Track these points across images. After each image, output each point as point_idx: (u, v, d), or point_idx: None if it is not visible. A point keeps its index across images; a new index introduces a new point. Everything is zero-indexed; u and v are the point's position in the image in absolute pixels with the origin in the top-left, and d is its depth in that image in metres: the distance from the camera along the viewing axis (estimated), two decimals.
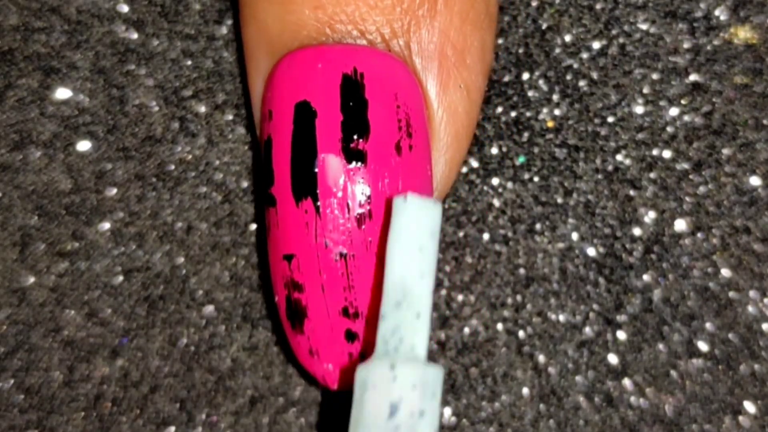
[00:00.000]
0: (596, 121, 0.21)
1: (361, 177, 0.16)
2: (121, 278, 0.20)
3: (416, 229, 0.16)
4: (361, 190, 0.16)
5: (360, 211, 0.16)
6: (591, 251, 0.20)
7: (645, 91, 0.21)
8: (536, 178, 0.21)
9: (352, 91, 0.17)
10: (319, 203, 0.16)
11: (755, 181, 0.20)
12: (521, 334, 0.20)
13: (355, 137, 0.16)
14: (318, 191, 0.16)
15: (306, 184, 0.16)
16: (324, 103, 0.16)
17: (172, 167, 0.20)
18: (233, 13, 0.21)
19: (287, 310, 0.17)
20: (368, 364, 0.15)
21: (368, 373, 0.15)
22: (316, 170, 0.16)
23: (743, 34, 0.21)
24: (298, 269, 0.17)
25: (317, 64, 0.17)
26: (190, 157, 0.20)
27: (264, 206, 0.17)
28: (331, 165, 0.16)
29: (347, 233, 0.16)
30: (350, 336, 0.17)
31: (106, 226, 0.20)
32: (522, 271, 0.20)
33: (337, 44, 0.17)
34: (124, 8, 0.21)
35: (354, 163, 0.16)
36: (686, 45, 0.21)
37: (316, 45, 0.17)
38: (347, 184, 0.16)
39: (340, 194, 0.16)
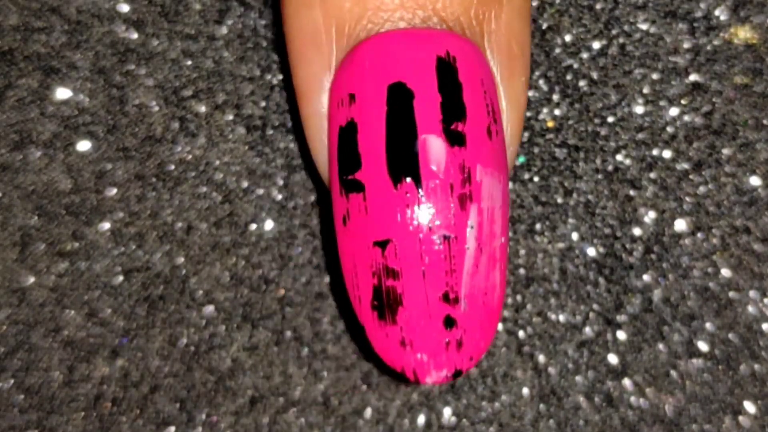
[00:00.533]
0: (596, 121, 0.21)
1: (462, 159, 0.16)
2: (121, 278, 0.20)
3: None
4: (462, 173, 0.16)
5: (461, 192, 0.16)
6: (591, 251, 0.20)
7: (645, 91, 0.21)
8: (536, 178, 0.21)
9: (449, 73, 0.16)
10: (421, 185, 0.16)
11: (755, 181, 0.20)
12: (521, 334, 0.20)
13: (455, 119, 0.16)
14: (420, 173, 0.16)
15: (406, 166, 0.16)
16: (421, 84, 0.16)
17: (172, 167, 0.20)
18: (234, 12, 0.21)
19: (375, 300, 0.17)
20: None
21: None
22: (417, 151, 0.16)
23: (743, 34, 0.21)
24: (395, 255, 0.16)
25: (411, 46, 0.16)
26: (190, 157, 0.20)
27: (340, 195, 0.17)
28: (433, 146, 0.16)
29: (450, 215, 0.16)
30: (449, 322, 0.16)
31: (106, 226, 0.20)
32: (522, 271, 0.20)
33: (425, 28, 0.17)
34: (124, 8, 0.21)
35: (455, 145, 0.16)
36: (686, 45, 0.21)
37: (405, 28, 0.17)
38: (449, 166, 0.16)
39: (442, 176, 0.16)
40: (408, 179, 0.16)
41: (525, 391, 0.20)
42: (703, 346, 0.20)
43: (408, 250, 0.16)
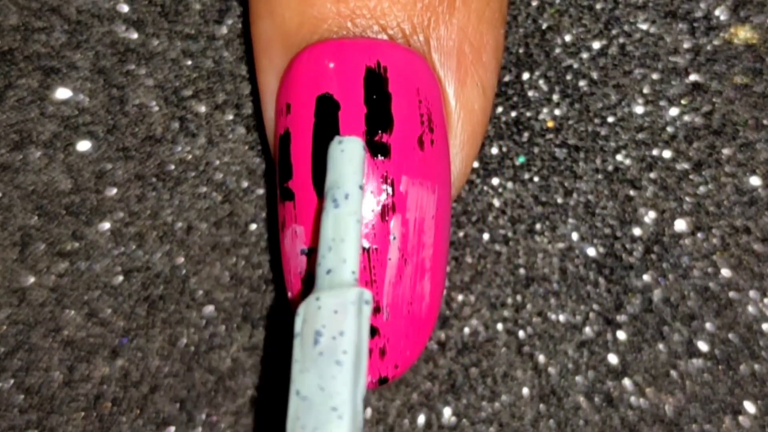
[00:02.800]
0: (596, 121, 0.21)
1: (385, 170, 0.16)
2: (121, 278, 0.20)
3: (346, 170, 0.16)
4: (384, 184, 0.16)
5: (384, 203, 0.16)
6: (591, 251, 0.20)
7: (645, 91, 0.21)
8: (536, 178, 0.21)
9: (376, 84, 0.16)
10: None
11: (755, 181, 0.20)
12: (521, 334, 0.20)
13: (379, 130, 0.16)
14: None
15: None
16: (347, 95, 0.16)
17: (172, 167, 0.20)
18: (234, 12, 0.21)
19: None
20: (304, 301, 0.15)
21: (303, 309, 0.15)
22: None
23: (743, 34, 0.21)
24: None
25: (340, 57, 0.17)
26: (190, 157, 0.20)
27: (280, 201, 0.17)
28: None
29: (370, 226, 0.16)
30: (371, 331, 0.17)
31: (106, 226, 0.20)
32: (522, 271, 0.20)
33: (359, 38, 0.17)
34: (124, 8, 0.21)
35: (378, 156, 0.16)
36: (686, 45, 0.21)
37: (338, 38, 0.17)
38: (371, 178, 0.16)
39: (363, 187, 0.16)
40: None
41: (525, 391, 0.20)
42: (703, 346, 0.20)
43: None
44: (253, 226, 0.20)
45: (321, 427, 0.14)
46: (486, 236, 0.20)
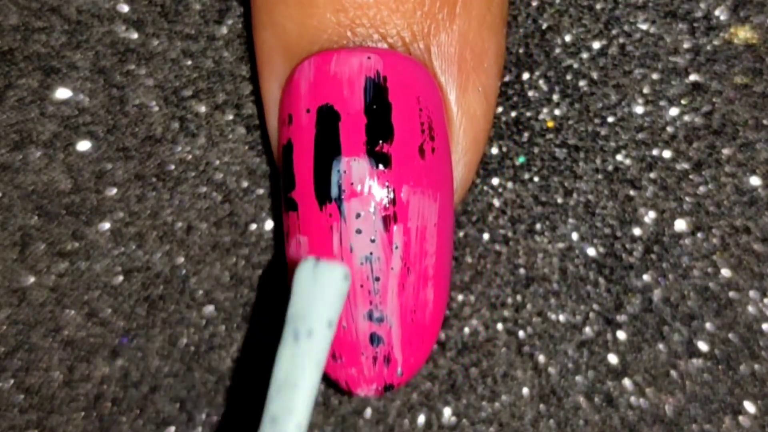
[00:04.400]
0: (596, 121, 0.21)
1: (386, 180, 0.16)
2: (121, 278, 0.20)
3: (316, 302, 0.14)
4: (386, 193, 0.16)
5: (385, 214, 0.16)
6: (591, 251, 0.20)
7: (645, 91, 0.21)
8: (536, 178, 0.21)
9: (376, 94, 0.17)
10: (344, 207, 0.16)
11: (755, 181, 0.20)
12: (521, 334, 0.20)
13: (380, 140, 0.16)
14: (343, 195, 0.16)
15: (330, 188, 0.16)
16: (347, 106, 0.16)
17: (172, 167, 0.20)
18: (234, 12, 0.21)
19: None
20: None
21: None
22: (341, 174, 0.16)
23: (743, 34, 0.21)
24: None
25: (340, 67, 0.17)
26: (190, 157, 0.20)
27: (284, 211, 0.17)
28: (356, 168, 0.16)
29: (374, 236, 0.16)
30: (375, 339, 0.17)
31: (106, 226, 0.20)
32: (522, 271, 0.20)
33: (359, 47, 0.17)
34: (124, 8, 0.21)
35: (379, 166, 0.16)
36: (686, 45, 0.21)
37: (338, 48, 0.17)
38: (373, 187, 0.16)
39: (365, 198, 0.16)
40: (331, 201, 0.16)
41: (525, 391, 0.20)
42: (703, 346, 0.20)
43: None
44: (253, 226, 0.20)
45: None
46: (486, 236, 0.20)
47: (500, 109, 0.21)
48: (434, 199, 0.17)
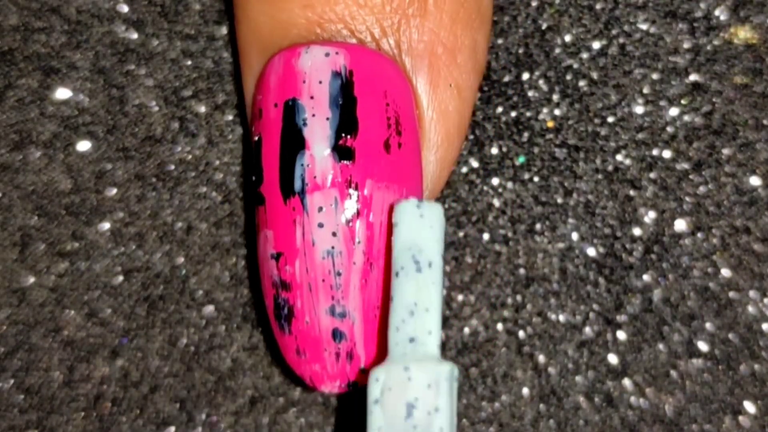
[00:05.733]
0: (596, 121, 0.21)
1: (350, 174, 0.16)
2: (121, 278, 0.20)
3: (427, 236, 0.16)
4: (348, 187, 0.16)
5: (348, 208, 0.16)
6: (591, 251, 0.20)
7: (645, 91, 0.21)
8: (536, 178, 0.21)
9: (341, 88, 0.17)
10: (306, 200, 0.16)
11: (755, 181, 0.20)
12: (521, 334, 0.20)
13: (344, 134, 0.16)
14: (306, 188, 0.16)
15: (294, 182, 0.16)
16: (312, 100, 0.17)
17: (172, 167, 0.20)
18: (232, 13, 0.21)
19: (275, 310, 0.17)
20: (384, 366, 0.15)
21: (384, 376, 0.15)
22: (304, 167, 0.16)
23: (743, 34, 0.21)
24: (286, 268, 0.17)
25: (306, 61, 0.17)
26: (190, 157, 0.20)
27: (253, 205, 0.17)
28: (320, 162, 0.16)
29: (336, 230, 0.16)
30: (338, 335, 0.17)
31: (106, 226, 0.20)
32: (522, 271, 0.20)
33: (327, 42, 0.17)
34: (124, 8, 0.21)
35: (342, 160, 0.16)
36: (686, 45, 0.21)
37: (304, 43, 0.17)
38: (335, 182, 0.16)
39: (327, 191, 0.16)
40: (295, 195, 0.16)
41: (525, 391, 0.20)
42: (703, 346, 0.20)
43: (296, 264, 0.16)
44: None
45: None
46: (486, 236, 0.20)
47: (500, 109, 0.21)
48: (400, 194, 0.17)
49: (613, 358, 0.20)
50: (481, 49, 0.18)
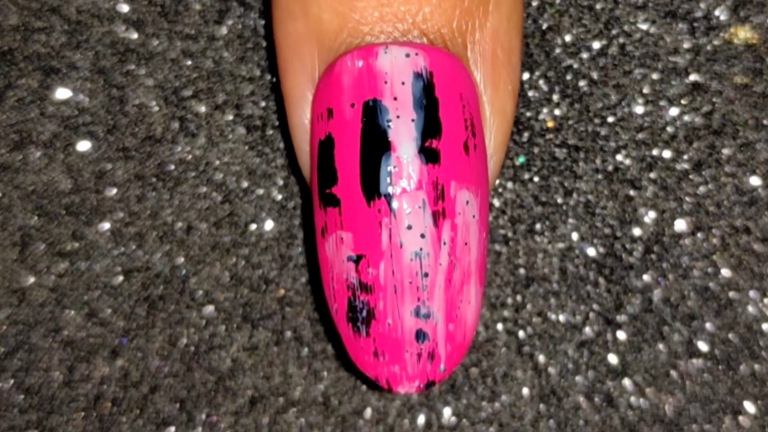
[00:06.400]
0: (596, 121, 0.21)
1: (436, 176, 0.16)
2: (121, 278, 0.20)
3: None
4: (435, 189, 0.16)
5: (435, 209, 0.16)
6: (591, 251, 0.20)
7: (645, 91, 0.21)
8: (536, 178, 0.21)
9: (424, 89, 0.16)
10: (394, 202, 0.16)
11: (755, 181, 0.20)
12: (521, 334, 0.20)
13: (429, 136, 0.16)
14: (393, 190, 0.16)
15: (379, 183, 0.16)
16: (396, 101, 0.16)
17: (172, 167, 0.20)
18: (234, 12, 0.21)
19: (350, 312, 0.17)
20: None
21: None
22: (391, 169, 0.16)
23: (743, 34, 0.21)
24: (368, 271, 0.16)
25: (387, 62, 0.16)
26: (190, 157, 0.20)
27: (320, 207, 0.17)
28: (406, 164, 0.16)
29: (423, 232, 0.16)
30: (421, 336, 0.16)
31: (106, 226, 0.20)
32: (522, 271, 0.20)
33: (404, 42, 0.17)
34: (124, 8, 0.21)
35: (428, 162, 0.16)
36: (686, 45, 0.21)
37: (381, 43, 0.17)
38: (422, 183, 0.16)
39: (415, 193, 0.16)
40: (381, 197, 0.16)
41: (525, 391, 0.20)
42: (703, 346, 0.20)
43: (380, 266, 0.16)
44: (253, 226, 0.20)
45: None
46: None
47: None
48: (476, 195, 0.17)
49: (613, 358, 0.20)
50: (522, 52, 0.19)
